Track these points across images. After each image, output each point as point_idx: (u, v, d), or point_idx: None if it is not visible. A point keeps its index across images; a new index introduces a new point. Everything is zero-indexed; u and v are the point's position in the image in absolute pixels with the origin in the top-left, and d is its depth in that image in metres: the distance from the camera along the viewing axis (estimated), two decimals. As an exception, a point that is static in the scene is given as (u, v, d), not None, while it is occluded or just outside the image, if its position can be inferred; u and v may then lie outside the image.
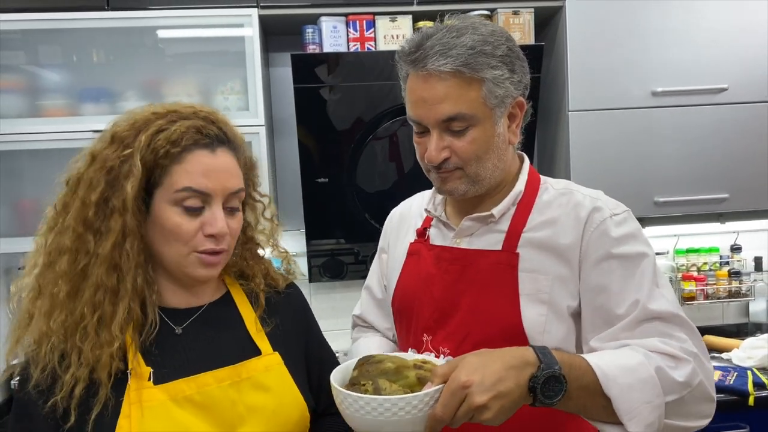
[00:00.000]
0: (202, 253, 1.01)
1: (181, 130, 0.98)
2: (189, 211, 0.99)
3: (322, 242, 2.33)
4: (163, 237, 1.00)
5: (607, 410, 0.94)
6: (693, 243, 2.66)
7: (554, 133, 2.37)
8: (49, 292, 0.97)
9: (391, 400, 0.84)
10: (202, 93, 2.15)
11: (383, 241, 1.38)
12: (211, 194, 1.00)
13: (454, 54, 1.03)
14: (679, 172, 2.25)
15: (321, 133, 2.20)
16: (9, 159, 2.09)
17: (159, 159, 0.97)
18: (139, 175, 0.95)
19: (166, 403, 0.98)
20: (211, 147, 1.01)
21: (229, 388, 1.02)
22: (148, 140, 0.96)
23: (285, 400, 1.07)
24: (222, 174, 1.01)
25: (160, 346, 1.02)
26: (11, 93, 2.08)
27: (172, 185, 0.98)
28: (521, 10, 2.20)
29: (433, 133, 1.08)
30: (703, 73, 2.23)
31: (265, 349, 1.10)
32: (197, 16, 2.09)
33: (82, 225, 0.96)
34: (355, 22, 2.17)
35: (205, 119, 1.02)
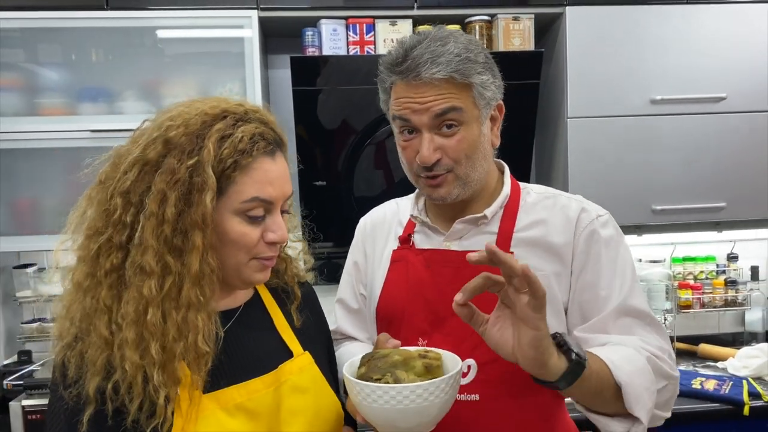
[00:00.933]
0: (261, 259, 0.98)
1: (248, 137, 0.93)
2: (252, 220, 0.95)
3: (320, 245, 2.32)
4: (224, 246, 0.95)
5: (614, 399, 0.98)
6: (690, 251, 2.66)
7: (553, 140, 2.37)
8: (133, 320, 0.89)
9: (422, 386, 0.86)
10: (201, 94, 2.12)
11: (356, 252, 1.35)
12: (274, 202, 0.97)
13: (444, 61, 1.06)
14: (676, 181, 2.25)
15: (319, 135, 2.19)
16: (6, 158, 2.08)
17: (227, 170, 0.92)
18: (215, 187, 0.90)
19: (216, 412, 0.94)
20: (272, 154, 0.97)
21: (274, 393, 1.00)
22: (215, 148, 0.91)
23: (323, 400, 1.05)
24: (282, 180, 0.98)
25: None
26: (9, 91, 2.07)
27: (238, 195, 0.93)
28: (521, 16, 2.20)
29: (425, 134, 1.10)
30: (702, 82, 2.23)
31: (296, 349, 1.07)
32: (197, 17, 2.09)
33: (162, 244, 0.90)
34: (355, 26, 2.17)
35: (260, 121, 0.97)
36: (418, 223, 1.24)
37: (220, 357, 0.96)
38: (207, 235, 0.90)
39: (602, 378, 0.96)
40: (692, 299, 2.55)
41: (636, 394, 0.98)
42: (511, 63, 2.18)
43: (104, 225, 0.91)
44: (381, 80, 1.16)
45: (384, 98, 1.18)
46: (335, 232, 2.30)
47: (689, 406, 2.03)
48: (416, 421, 0.88)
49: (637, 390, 0.98)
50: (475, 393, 1.12)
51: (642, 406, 0.98)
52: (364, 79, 2.12)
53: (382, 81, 1.15)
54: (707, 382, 2.11)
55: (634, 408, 0.97)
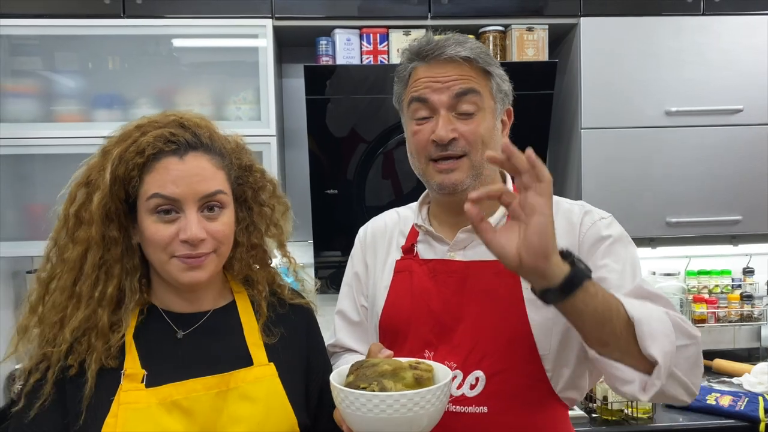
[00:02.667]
0: (180, 258, 1.01)
1: (148, 140, 1.00)
2: (163, 218, 1.01)
3: (330, 254, 2.32)
4: (146, 245, 1.03)
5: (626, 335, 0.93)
6: (705, 265, 2.63)
7: (566, 151, 2.35)
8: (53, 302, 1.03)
9: (407, 395, 0.84)
10: (215, 102, 2.16)
11: (357, 262, 1.33)
12: (180, 200, 1.00)
13: (468, 47, 1.12)
14: (692, 193, 2.23)
15: (331, 144, 2.20)
16: (22, 163, 2.11)
17: (130, 171, 1.00)
18: (106, 189, 0.99)
19: (153, 407, 0.99)
20: (178, 153, 1.01)
21: (216, 396, 1.02)
22: (121, 154, 1.00)
23: (273, 412, 1.06)
24: (192, 178, 1.01)
25: (160, 350, 1.04)
26: (27, 98, 2.10)
27: (145, 194, 1.01)
28: (535, 26, 2.20)
29: (442, 113, 1.11)
30: (718, 94, 2.21)
31: (259, 359, 1.08)
32: (212, 26, 2.11)
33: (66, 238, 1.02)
34: (368, 35, 2.18)
35: (177, 125, 1.03)
36: (422, 231, 1.23)
37: (172, 355, 1.04)
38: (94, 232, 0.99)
39: (611, 306, 0.92)
40: (707, 313, 2.52)
41: (651, 332, 0.92)
42: (524, 73, 2.20)
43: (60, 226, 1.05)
44: (399, 71, 1.19)
45: (399, 90, 1.19)
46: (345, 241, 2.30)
47: (704, 422, 2.00)
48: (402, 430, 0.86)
49: (653, 328, 0.93)
50: (483, 405, 1.10)
51: (659, 346, 0.92)
52: (377, 88, 2.13)
53: (401, 71, 1.18)
54: (722, 398, 2.08)
55: (650, 345, 0.92)
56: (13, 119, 2.08)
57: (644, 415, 2.01)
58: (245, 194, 1.12)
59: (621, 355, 0.96)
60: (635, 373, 0.95)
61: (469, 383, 1.11)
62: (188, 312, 1.09)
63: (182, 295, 1.09)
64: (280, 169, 2.22)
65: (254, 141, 2.08)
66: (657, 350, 0.92)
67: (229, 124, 2.08)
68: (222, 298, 1.14)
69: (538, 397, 1.11)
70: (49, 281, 1.03)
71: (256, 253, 1.16)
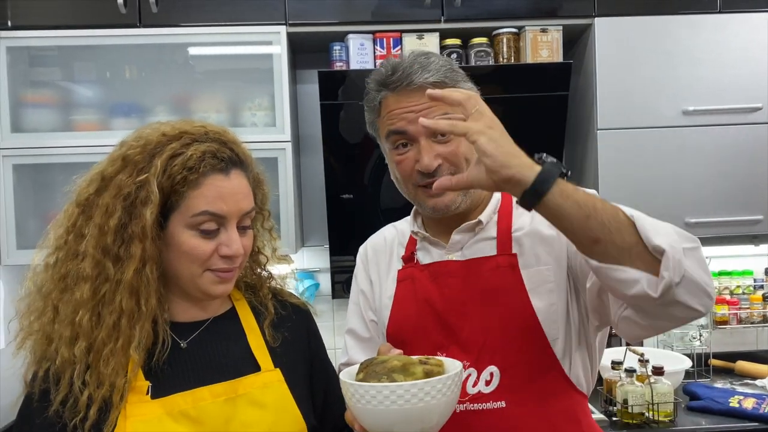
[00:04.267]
0: (216, 271, 1.02)
1: (197, 155, 0.98)
2: (205, 234, 1.00)
3: (346, 258, 2.32)
4: (178, 258, 1.01)
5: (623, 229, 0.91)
6: (725, 265, 2.60)
7: (582, 152, 2.34)
8: (70, 320, 0.97)
9: (417, 384, 0.83)
10: (230, 109, 2.18)
11: (361, 279, 1.33)
12: (226, 217, 1.01)
13: (433, 69, 1.11)
14: (711, 193, 2.20)
15: (346, 149, 2.20)
16: (41, 172, 2.14)
17: (176, 185, 0.98)
18: (157, 202, 0.96)
19: (162, 417, 0.98)
20: (225, 171, 1.02)
21: (224, 403, 1.02)
22: (164, 166, 0.97)
23: (282, 417, 1.06)
24: (236, 196, 1.02)
25: (165, 361, 1.02)
26: (45, 108, 2.13)
27: (189, 210, 0.99)
28: (549, 27, 2.19)
29: (423, 141, 1.10)
30: (736, 92, 2.19)
31: (266, 365, 1.09)
32: (226, 33, 2.13)
33: (101, 252, 0.97)
34: (382, 40, 2.18)
35: (217, 141, 1.03)
36: (419, 238, 1.24)
37: (177, 365, 1.03)
38: (147, 247, 0.96)
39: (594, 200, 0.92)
40: (729, 315, 2.48)
41: (654, 225, 0.90)
42: (539, 75, 2.19)
43: (66, 233, 1.00)
44: (368, 100, 1.18)
45: (371, 118, 1.20)
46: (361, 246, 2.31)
47: (726, 425, 1.97)
48: (413, 425, 0.85)
49: (655, 223, 0.91)
50: (501, 400, 1.10)
51: (663, 238, 0.89)
52: (391, 92, 2.12)
53: (370, 100, 1.17)
54: (745, 401, 2.05)
55: (653, 237, 0.88)
56: (32, 129, 2.11)
57: (665, 418, 1.98)
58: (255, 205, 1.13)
59: (618, 252, 0.91)
60: (640, 272, 0.90)
61: (484, 380, 1.12)
62: (188, 321, 1.09)
63: (198, 304, 1.09)
64: (295, 174, 2.22)
65: (269, 147, 2.11)
66: (662, 240, 0.88)
67: (244, 130, 2.12)
68: (222, 306, 1.14)
69: (554, 385, 1.12)
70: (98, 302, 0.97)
71: (256, 258, 1.18)
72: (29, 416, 0.98)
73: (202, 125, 1.05)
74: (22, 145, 2.09)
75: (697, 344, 2.42)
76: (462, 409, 1.11)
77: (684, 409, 2.10)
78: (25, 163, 2.11)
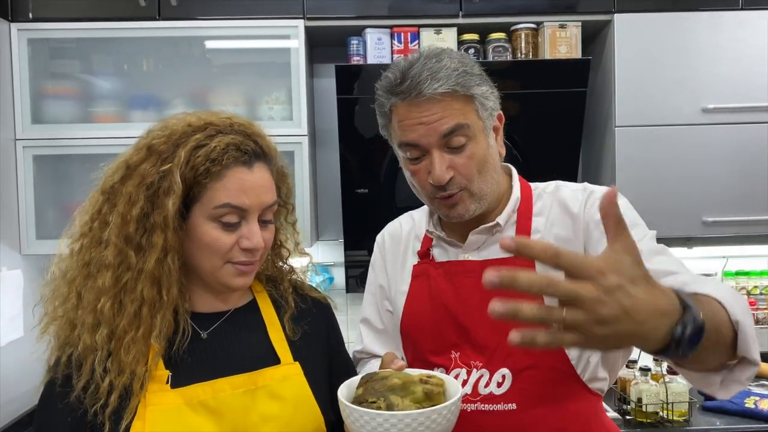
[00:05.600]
0: (236, 264, 1.02)
1: (221, 147, 0.98)
2: (226, 226, 1.00)
3: (360, 253, 2.33)
4: (199, 249, 1.01)
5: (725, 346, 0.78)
6: (743, 265, 2.57)
7: (600, 149, 2.32)
8: (92, 307, 0.98)
9: (411, 415, 0.82)
10: (248, 103, 2.19)
11: (379, 272, 1.33)
12: (248, 210, 1.01)
13: (443, 76, 1.06)
14: (729, 192, 2.18)
15: (362, 143, 2.20)
16: (60, 163, 2.16)
17: (198, 176, 0.98)
18: (180, 192, 0.96)
19: (181, 407, 0.98)
20: (248, 164, 1.01)
21: (243, 395, 1.02)
22: (188, 156, 0.97)
23: (300, 411, 1.06)
24: (259, 189, 1.02)
25: (185, 351, 1.03)
26: (65, 99, 2.15)
27: (211, 201, 0.99)
28: (568, 23, 2.17)
29: (435, 153, 1.09)
30: (756, 90, 2.16)
31: (286, 358, 1.09)
32: (244, 26, 2.14)
33: (123, 240, 0.97)
34: (399, 34, 2.18)
35: (242, 134, 1.02)
36: (434, 238, 1.24)
37: (197, 355, 1.03)
38: (168, 237, 0.97)
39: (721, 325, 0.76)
40: (745, 315, 2.46)
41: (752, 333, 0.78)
42: (557, 71, 2.18)
43: (91, 220, 1.01)
44: (379, 105, 1.16)
45: (383, 123, 1.18)
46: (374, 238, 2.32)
47: (743, 426, 1.96)
48: None
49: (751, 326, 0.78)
50: (511, 402, 1.10)
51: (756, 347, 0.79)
52: (408, 87, 2.12)
53: (381, 105, 1.15)
54: (761, 402, 2.03)
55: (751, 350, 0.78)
56: (52, 120, 2.13)
57: (680, 417, 1.97)
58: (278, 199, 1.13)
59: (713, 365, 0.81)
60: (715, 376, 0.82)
61: (496, 381, 1.11)
62: (208, 312, 1.09)
63: (219, 295, 1.09)
64: (311, 168, 2.23)
65: (286, 141, 2.11)
66: (756, 353, 0.79)
67: (261, 124, 2.06)
68: (243, 297, 1.14)
69: (567, 389, 1.11)
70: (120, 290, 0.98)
71: (279, 251, 1.18)
72: (51, 400, 0.99)
73: (228, 117, 1.04)
74: (42, 136, 2.11)
75: (713, 344, 2.40)
76: (473, 408, 1.11)
77: (699, 409, 2.08)
78: (44, 154, 2.13)
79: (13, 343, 2.02)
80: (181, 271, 1.02)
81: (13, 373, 1.99)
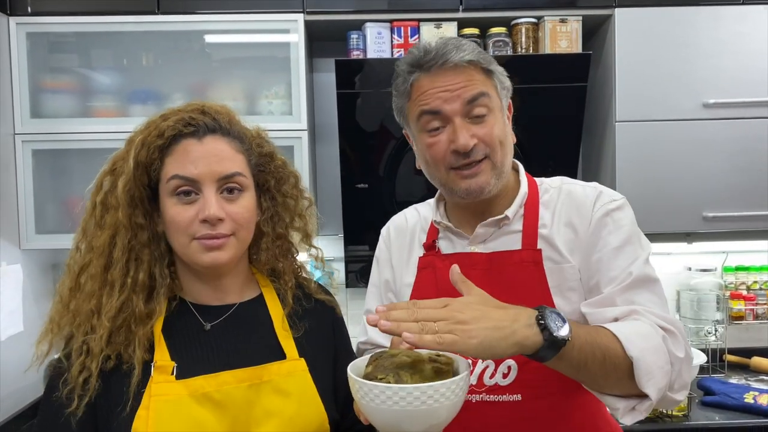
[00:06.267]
0: (200, 239, 1.02)
1: (168, 124, 1.02)
2: (183, 200, 1.02)
3: (360, 248, 2.32)
4: (168, 229, 1.04)
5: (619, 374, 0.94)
6: (743, 260, 2.57)
7: (600, 144, 2.32)
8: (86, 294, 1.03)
9: (420, 388, 0.82)
10: (247, 97, 2.18)
11: (384, 266, 1.32)
12: (198, 180, 1.01)
13: (468, 49, 1.12)
14: (729, 187, 2.18)
15: (362, 138, 2.20)
16: (60, 157, 2.16)
17: (151, 154, 1.02)
18: (130, 173, 1.00)
19: (185, 398, 0.99)
20: (196, 135, 1.03)
21: (248, 389, 1.03)
22: (144, 138, 1.02)
23: (305, 407, 1.06)
24: (210, 159, 1.02)
25: (189, 342, 1.04)
26: (64, 94, 2.14)
27: (165, 176, 1.03)
28: (569, 18, 2.16)
29: (457, 122, 1.10)
30: (757, 85, 2.15)
31: (291, 353, 1.09)
32: (244, 20, 2.13)
33: (94, 227, 1.04)
34: (399, 29, 2.17)
35: (196, 111, 1.05)
36: (441, 228, 1.23)
37: (202, 347, 1.04)
38: (120, 216, 1.00)
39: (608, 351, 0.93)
40: (745, 310, 2.47)
41: (648, 370, 0.93)
42: (558, 65, 2.17)
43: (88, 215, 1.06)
44: (398, 84, 1.17)
45: (400, 103, 1.18)
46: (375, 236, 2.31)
47: (742, 421, 1.96)
48: (418, 425, 0.84)
49: (651, 367, 0.93)
50: (517, 393, 1.11)
51: (654, 384, 0.93)
52: (408, 82, 2.12)
53: (400, 84, 1.16)
54: (761, 397, 2.03)
55: (645, 384, 0.92)
56: (51, 115, 2.13)
57: (679, 413, 1.97)
58: (268, 183, 1.13)
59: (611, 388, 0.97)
60: (621, 402, 0.97)
61: (501, 372, 1.12)
62: (215, 304, 1.10)
63: (210, 283, 1.09)
64: (311, 163, 2.23)
65: (286, 135, 2.11)
66: (652, 389, 0.93)
67: (261, 118, 2.11)
68: (249, 291, 1.14)
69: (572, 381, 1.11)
70: (79, 270, 1.04)
71: (282, 243, 1.17)
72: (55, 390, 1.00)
73: (200, 102, 1.08)
74: (41, 130, 2.10)
75: (712, 339, 2.41)
76: (478, 399, 1.12)
77: (698, 404, 2.08)
78: (43, 149, 2.12)
79: (13, 338, 2.02)
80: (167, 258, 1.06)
81: (12, 367, 1.99)
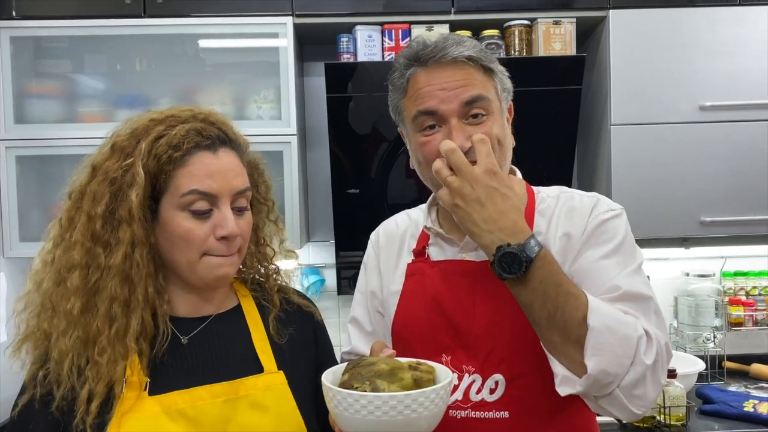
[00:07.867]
0: (214, 256, 0.99)
1: (181, 133, 0.97)
2: (198, 215, 0.98)
3: (352, 254, 2.29)
4: (173, 244, 0.98)
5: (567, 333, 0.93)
6: (741, 266, 2.54)
7: (595, 148, 2.29)
8: (63, 310, 0.95)
9: (396, 397, 0.79)
10: (236, 101, 2.15)
11: (371, 269, 1.28)
12: (217, 195, 0.98)
13: (468, 45, 1.07)
14: (727, 191, 2.14)
15: (353, 143, 2.17)
16: (45, 164, 2.12)
17: (162, 165, 0.96)
18: (142, 183, 0.94)
19: (158, 415, 0.95)
20: (212, 148, 1.00)
21: (224, 404, 0.99)
22: (149, 147, 0.96)
23: (283, 423, 1.02)
24: (227, 173, 0.99)
25: (164, 356, 1.00)
26: (49, 99, 2.11)
27: (178, 190, 0.97)
28: (562, 20, 2.13)
29: (454, 122, 1.05)
30: (754, 88, 2.13)
31: (269, 366, 1.05)
32: (232, 24, 2.10)
33: (90, 239, 0.95)
34: (390, 31, 2.14)
35: (204, 121, 1.01)
36: (432, 234, 1.19)
37: (177, 361, 1.00)
38: (135, 231, 0.94)
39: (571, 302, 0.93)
40: (744, 316, 2.43)
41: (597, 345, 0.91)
42: (552, 68, 2.15)
43: (61, 227, 0.99)
44: (395, 78, 1.13)
45: (396, 99, 1.14)
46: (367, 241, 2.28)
47: (741, 430, 1.93)
48: None
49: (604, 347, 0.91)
50: (504, 410, 1.06)
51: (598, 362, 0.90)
52: (399, 85, 2.09)
53: (397, 78, 1.12)
54: (760, 405, 1.99)
55: (588, 357, 0.91)
56: (36, 120, 2.09)
57: (677, 422, 1.94)
58: (254, 191, 1.11)
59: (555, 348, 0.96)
60: (560, 368, 0.96)
61: (488, 387, 1.07)
62: (192, 316, 1.06)
63: (201, 294, 1.06)
64: (301, 168, 2.19)
65: (275, 140, 2.08)
66: (593, 365, 0.91)
67: (250, 123, 2.09)
68: (226, 302, 1.11)
69: (561, 400, 1.07)
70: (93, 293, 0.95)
71: (263, 250, 1.15)
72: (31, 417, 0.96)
73: (189, 109, 1.03)
74: (26, 136, 2.07)
75: (711, 346, 2.37)
76: (464, 415, 1.07)
77: (697, 413, 2.05)
78: (28, 155, 2.09)
79: (-4, 348, 1.98)
80: (158, 271, 1.00)
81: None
